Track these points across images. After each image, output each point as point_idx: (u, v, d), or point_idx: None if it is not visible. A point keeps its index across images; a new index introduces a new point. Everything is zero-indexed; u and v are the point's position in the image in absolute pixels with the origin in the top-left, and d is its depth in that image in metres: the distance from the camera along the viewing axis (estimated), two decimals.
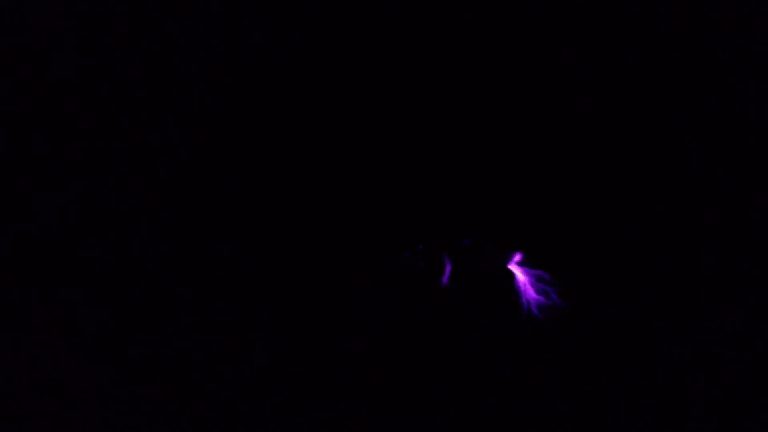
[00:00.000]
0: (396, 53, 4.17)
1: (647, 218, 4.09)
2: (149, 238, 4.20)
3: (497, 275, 4.09)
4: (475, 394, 4.01)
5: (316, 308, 4.15)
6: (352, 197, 4.16)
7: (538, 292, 4.03)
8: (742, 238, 4.04)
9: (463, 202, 4.14)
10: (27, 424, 3.99)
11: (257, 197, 4.24)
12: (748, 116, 4.12)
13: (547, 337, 4.02)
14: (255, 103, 4.26)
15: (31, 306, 4.09)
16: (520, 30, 4.15)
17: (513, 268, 4.06)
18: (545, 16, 4.14)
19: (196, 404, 4.09)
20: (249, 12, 4.22)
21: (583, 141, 4.09)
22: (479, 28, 4.16)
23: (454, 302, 4.09)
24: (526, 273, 4.05)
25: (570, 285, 4.06)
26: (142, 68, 4.20)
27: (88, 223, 4.16)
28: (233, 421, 4.08)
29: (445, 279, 4.09)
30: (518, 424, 3.95)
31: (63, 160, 4.17)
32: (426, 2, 4.17)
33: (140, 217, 4.19)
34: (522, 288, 4.04)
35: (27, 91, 4.15)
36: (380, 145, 4.14)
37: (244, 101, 4.25)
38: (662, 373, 4.03)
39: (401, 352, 4.06)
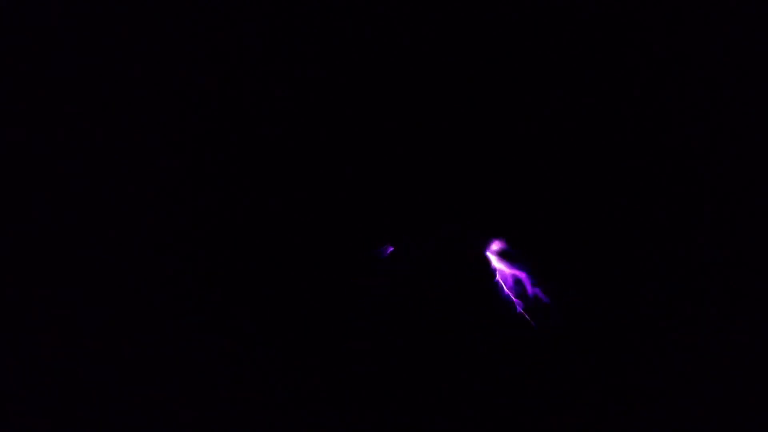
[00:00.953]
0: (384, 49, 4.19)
1: (632, 211, 4.11)
2: (149, 237, 4.21)
3: (476, 263, 4.11)
4: (460, 384, 4.03)
5: (314, 306, 4.16)
6: (342, 191, 4.18)
7: (516, 282, 4.05)
8: (736, 230, 4.07)
9: (446, 192, 4.16)
10: (27, 424, 4.00)
11: (256, 197, 4.25)
12: (748, 116, 4.13)
13: (529, 328, 4.06)
14: (252, 103, 4.27)
15: (31, 306, 4.11)
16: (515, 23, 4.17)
17: (491, 256, 4.08)
18: (545, 16, 4.15)
19: (195, 404, 4.10)
20: (248, 12, 4.24)
21: (566, 132, 4.11)
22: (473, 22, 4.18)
23: (435, 293, 4.11)
24: (504, 262, 4.08)
25: (549, 276, 4.10)
26: (142, 68, 4.21)
27: (88, 223, 4.18)
28: (232, 420, 4.09)
29: (423, 268, 4.11)
30: (504, 416, 3.97)
31: (63, 160, 4.19)
32: (426, 2, 4.18)
33: (140, 217, 4.20)
34: (501, 276, 4.07)
35: (27, 91, 4.16)
36: (369, 139, 4.16)
37: (240, 101, 4.27)
38: (646, 364, 4.05)
39: (388, 347, 4.08)
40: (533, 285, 4.10)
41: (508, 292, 4.10)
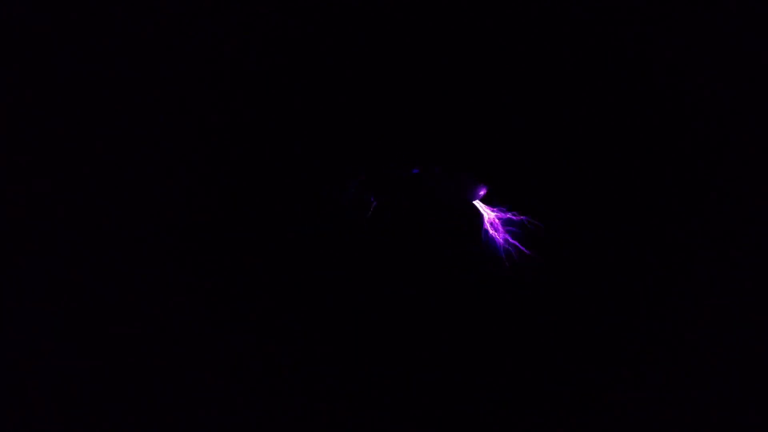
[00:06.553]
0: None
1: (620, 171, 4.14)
2: (147, 235, 4.22)
3: (464, 210, 4.12)
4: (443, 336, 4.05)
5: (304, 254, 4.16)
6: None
7: (503, 229, 4.04)
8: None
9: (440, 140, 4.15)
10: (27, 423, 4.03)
11: (252, 196, 4.26)
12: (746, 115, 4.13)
13: (517, 278, 4.07)
14: (246, 103, 4.28)
15: (31, 301, 4.13)
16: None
17: (479, 204, 4.07)
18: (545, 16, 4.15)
19: (194, 401, 4.13)
20: (246, 13, 4.24)
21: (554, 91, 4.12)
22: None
23: (422, 240, 4.12)
24: (494, 211, 4.07)
25: (537, 227, 4.11)
26: (141, 69, 4.22)
27: (88, 222, 4.20)
28: (231, 417, 4.11)
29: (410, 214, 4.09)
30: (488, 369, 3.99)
31: (62, 159, 4.20)
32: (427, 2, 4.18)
33: (138, 216, 4.22)
34: (488, 225, 4.06)
35: (27, 91, 4.17)
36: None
37: (234, 102, 4.27)
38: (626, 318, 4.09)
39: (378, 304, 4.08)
40: (517, 231, 4.09)
41: (496, 239, 4.07)
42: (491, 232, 4.05)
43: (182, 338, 4.21)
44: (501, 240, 4.04)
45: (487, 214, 4.05)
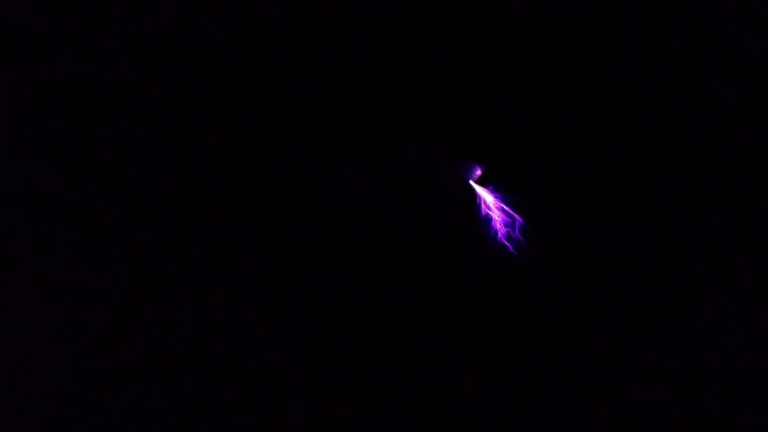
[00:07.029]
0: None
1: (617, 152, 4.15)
2: (147, 235, 4.24)
3: (460, 192, 4.12)
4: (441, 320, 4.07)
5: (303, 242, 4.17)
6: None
7: (499, 211, 4.05)
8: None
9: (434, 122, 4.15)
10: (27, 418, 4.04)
11: (252, 196, 4.27)
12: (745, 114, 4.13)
13: (514, 261, 4.09)
14: (243, 102, 4.29)
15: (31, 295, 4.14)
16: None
17: (475, 185, 4.07)
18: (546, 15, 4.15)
19: (194, 401, 4.14)
20: (245, 13, 4.25)
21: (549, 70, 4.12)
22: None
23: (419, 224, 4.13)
24: (489, 192, 4.08)
25: (533, 207, 4.12)
26: (141, 69, 4.23)
27: (88, 221, 4.21)
28: (230, 414, 4.12)
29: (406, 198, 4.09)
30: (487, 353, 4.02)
31: (62, 159, 4.21)
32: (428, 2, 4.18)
33: (138, 216, 4.23)
34: (484, 206, 4.06)
35: (27, 91, 4.19)
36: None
37: (230, 101, 4.28)
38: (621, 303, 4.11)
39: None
40: (518, 215, 4.09)
41: (496, 240, 4.08)
42: (491, 232, 4.07)
43: (182, 338, 4.22)
44: (501, 240, 4.05)
45: (488, 212, 4.06)
